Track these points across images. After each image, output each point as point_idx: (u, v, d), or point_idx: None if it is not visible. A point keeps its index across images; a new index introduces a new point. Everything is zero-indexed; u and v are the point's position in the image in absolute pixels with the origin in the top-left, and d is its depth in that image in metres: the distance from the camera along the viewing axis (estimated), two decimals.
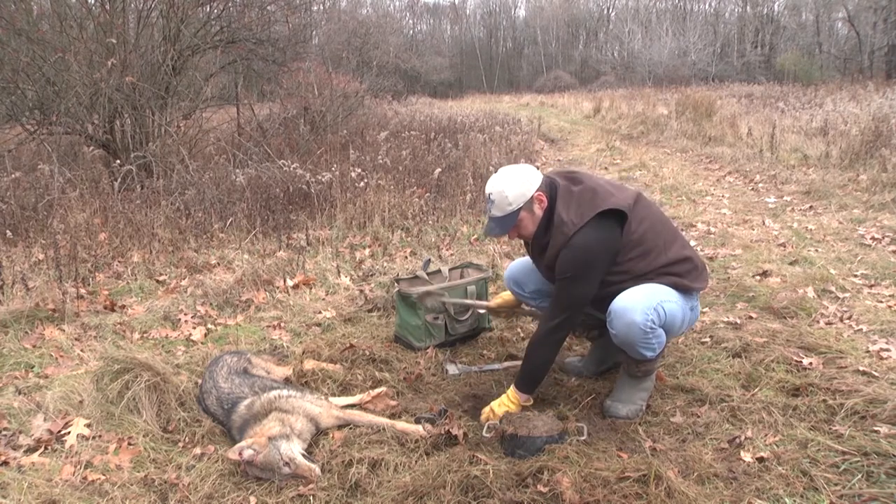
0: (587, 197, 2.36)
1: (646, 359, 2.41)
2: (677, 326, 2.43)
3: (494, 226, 2.44)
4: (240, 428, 2.35)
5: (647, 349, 2.36)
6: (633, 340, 2.32)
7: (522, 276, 2.80)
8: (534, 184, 2.38)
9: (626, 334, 2.31)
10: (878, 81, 19.71)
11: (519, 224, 2.41)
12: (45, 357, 3.12)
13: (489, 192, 2.41)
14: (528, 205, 2.38)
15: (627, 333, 2.30)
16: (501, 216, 2.40)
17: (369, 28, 22.65)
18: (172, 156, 6.37)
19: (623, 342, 2.36)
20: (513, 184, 2.37)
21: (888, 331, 3.04)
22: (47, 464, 2.21)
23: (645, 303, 2.29)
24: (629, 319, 2.28)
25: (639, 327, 2.28)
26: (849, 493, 1.92)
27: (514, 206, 2.37)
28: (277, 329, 3.51)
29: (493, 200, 2.39)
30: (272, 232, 5.18)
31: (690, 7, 47.02)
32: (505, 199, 2.37)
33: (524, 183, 2.37)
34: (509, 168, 2.46)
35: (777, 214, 5.81)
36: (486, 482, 2.00)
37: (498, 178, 2.41)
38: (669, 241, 2.43)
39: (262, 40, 8.70)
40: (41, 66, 6.42)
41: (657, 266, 2.37)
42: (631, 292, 2.32)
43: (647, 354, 2.38)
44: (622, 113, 16.21)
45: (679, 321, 2.42)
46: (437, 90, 38.25)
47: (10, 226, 4.86)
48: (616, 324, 2.32)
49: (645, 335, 2.31)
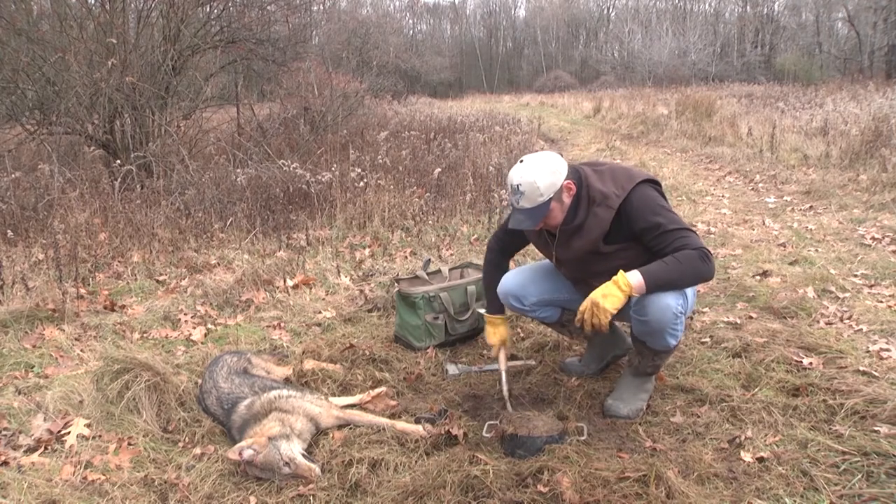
0: (620, 171, 2.36)
1: (668, 348, 2.38)
2: (687, 314, 2.43)
3: (524, 218, 2.31)
4: (240, 428, 2.35)
5: (673, 336, 2.33)
6: (664, 326, 2.27)
7: (521, 288, 2.64)
8: (563, 172, 2.32)
9: (659, 319, 2.25)
10: (878, 81, 19.71)
11: (549, 215, 2.32)
12: (45, 357, 3.12)
13: (517, 182, 2.28)
14: (559, 194, 2.30)
15: (661, 318, 2.25)
16: (532, 207, 2.29)
17: (369, 28, 22.64)
18: (172, 156, 6.37)
19: (653, 329, 2.30)
20: (543, 174, 2.27)
21: (888, 331, 3.04)
22: (47, 464, 2.21)
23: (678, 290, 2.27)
24: (664, 303, 2.23)
25: (672, 311, 2.24)
26: (849, 493, 1.92)
27: (545, 196, 2.28)
28: (277, 329, 3.51)
29: (523, 192, 2.27)
30: (272, 232, 5.18)
31: (690, 7, 47.02)
32: (536, 190, 2.26)
33: (554, 172, 2.29)
34: (536, 157, 2.34)
35: (777, 214, 5.81)
36: (486, 482, 2.00)
37: (526, 167, 2.29)
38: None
39: (262, 40, 8.70)
40: (41, 66, 6.42)
41: None
42: None
43: (672, 343, 2.35)
44: (622, 113, 16.21)
45: (690, 309, 2.43)
46: (437, 90, 38.23)
47: (10, 226, 4.86)
48: (649, 309, 2.25)
49: (676, 319, 2.28)
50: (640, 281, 2.19)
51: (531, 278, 2.67)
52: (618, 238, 2.33)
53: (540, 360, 3.00)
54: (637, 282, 2.19)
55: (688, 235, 2.24)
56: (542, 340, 3.21)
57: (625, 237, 2.32)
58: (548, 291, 2.65)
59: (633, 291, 2.20)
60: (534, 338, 3.27)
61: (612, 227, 2.32)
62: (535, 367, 2.93)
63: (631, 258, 2.32)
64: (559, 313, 2.71)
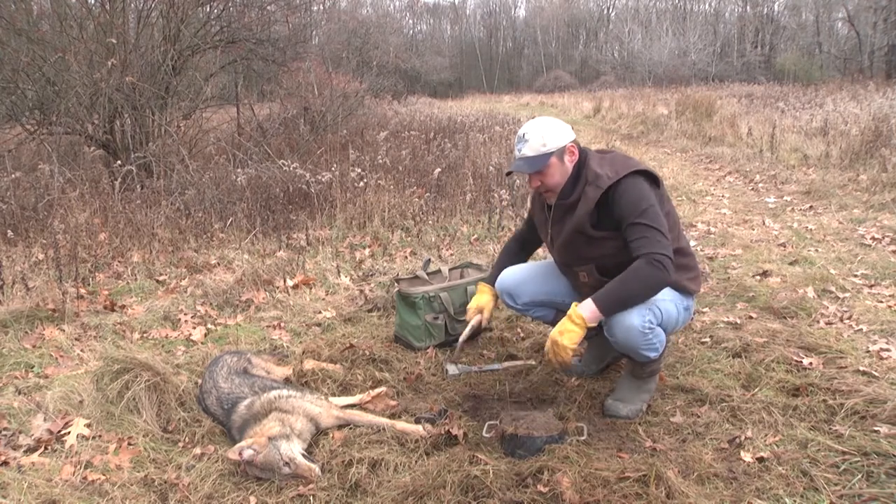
0: (620, 158, 2.41)
1: (650, 360, 2.41)
2: (672, 324, 2.43)
3: (523, 164, 2.38)
4: (240, 428, 2.35)
5: (650, 350, 2.36)
6: (634, 344, 2.31)
7: (515, 287, 2.68)
8: (569, 136, 2.40)
9: (625, 339, 2.30)
10: (878, 81, 19.71)
11: (546, 171, 2.37)
12: (45, 357, 3.12)
13: (524, 132, 2.38)
14: (560, 152, 2.37)
15: (627, 338, 2.29)
16: (533, 156, 2.36)
17: (369, 28, 22.63)
18: (172, 156, 6.37)
19: (624, 347, 2.35)
20: (550, 129, 2.38)
21: (888, 331, 3.04)
22: (47, 464, 2.21)
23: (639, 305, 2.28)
24: (627, 324, 2.27)
25: (637, 330, 2.27)
26: (849, 493, 1.92)
27: (547, 147, 2.35)
28: (277, 329, 3.51)
29: (528, 140, 2.36)
30: (272, 232, 5.18)
31: (690, 7, 47.01)
32: (540, 140, 2.35)
33: (561, 131, 2.39)
34: (546, 117, 2.47)
35: (777, 214, 5.81)
36: (486, 482, 2.00)
37: (535, 121, 2.43)
38: (679, 231, 2.46)
39: (262, 40, 8.70)
40: (41, 66, 6.42)
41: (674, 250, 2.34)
42: None
43: (651, 355, 2.38)
44: (622, 113, 16.22)
45: (674, 319, 2.42)
46: (437, 90, 38.23)
47: (10, 226, 4.86)
48: (614, 330, 2.30)
49: (644, 337, 2.30)
50: (593, 309, 2.21)
51: (528, 278, 2.70)
52: (607, 224, 2.34)
53: (540, 360, 2.99)
54: (590, 312, 2.21)
55: (650, 236, 2.21)
56: (542, 340, 3.21)
57: (614, 225, 2.33)
58: (543, 293, 2.67)
59: (588, 322, 2.21)
60: (534, 338, 3.27)
61: (600, 211, 2.34)
62: (535, 367, 2.93)
63: (618, 248, 2.32)
64: (553, 314, 2.72)
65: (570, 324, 2.22)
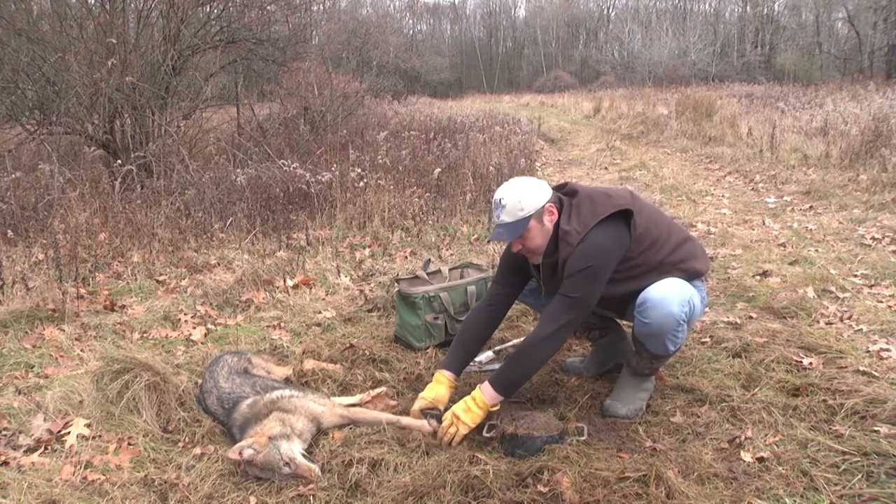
0: (585, 206, 2.35)
1: (667, 353, 2.41)
2: (693, 322, 2.46)
3: (503, 231, 2.36)
4: (240, 427, 2.35)
5: (673, 342, 2.36)
6: (665, 331, 2.30)
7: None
8: (546, 195, 2.37)
9: (660, 325, 2.29)
10: (878, 81, 19.72)
11: (527, 234, 2.35)
12: (45, 357, 3.12)
13: (500, 197, 2.36)
14: (539, 214, 2.34)
15: (662, 324, 2.28)
16: (512, 222, 2.33)
17: (369, 28, 22.59)
18: (172, 156, 6.37)
19: (653, 333, 2.32)
20: (526, 191, 2.35)
21: (888, 331, 3.04)
22: (47, 464, 2.21)
23: (681, 295, 2.30)
24: (668, 310, 2.27)
25: (675, 318, 2.28)
26: (849, 493, 1.92)
27: (525, 211, 2.32)
28: (277, 329, 3.51)
29: (504, 205, 2.33)
30: (272, 232, 5.18)
31: (690, 7, 47.04)
32: (517, 205, 2.32)
33: (537, 192, 2.36)
34: (521, 178, 2.44)
35: (777, 214, 5.81)
36: (486, 482, 2.00)
37: (510, 185, 2.39)
38: (667, 227, 2.47)
39: (262, 40, 8.71)
40: (41, 66, 6.41)
41: (668, 251, 2.38)
42: (666, 284, 2.32)
43: (671, 348, 2.38)
44: (622, 113, 16.21)
45: (696, 316, 2.46)
46: (437, 90, 38.23)
47: (10, 226, 4.86)
48: (652, 313, 2.28)
49: (678, 326, 2.31)
50: (492, 393, 2.33)
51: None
52: None
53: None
54: (490, 396, 2.33)
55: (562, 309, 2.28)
56: None
57: None
58: None
59: (488, 407, 2.33)
60: None
61: None
62: None
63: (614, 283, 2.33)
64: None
65: (474, 405, 2.33)
